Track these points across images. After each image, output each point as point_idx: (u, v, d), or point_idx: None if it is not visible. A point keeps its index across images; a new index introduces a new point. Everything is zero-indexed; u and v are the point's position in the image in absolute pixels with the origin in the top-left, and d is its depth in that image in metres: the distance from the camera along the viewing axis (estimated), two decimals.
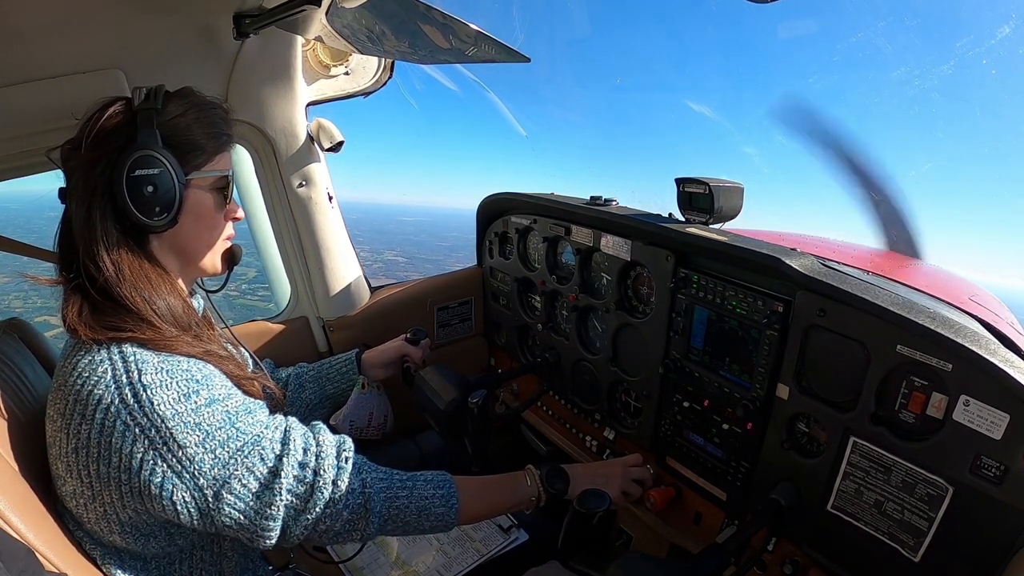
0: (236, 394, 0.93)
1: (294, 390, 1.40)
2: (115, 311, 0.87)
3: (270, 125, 1.54)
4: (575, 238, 1.55)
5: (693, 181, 1.25)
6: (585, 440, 1.67)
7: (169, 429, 0.82)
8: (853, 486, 1.02)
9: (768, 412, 1.14)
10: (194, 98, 0.96)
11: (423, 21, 1.10)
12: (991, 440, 0.82)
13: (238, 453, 0.87)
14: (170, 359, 0.87)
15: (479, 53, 1.18)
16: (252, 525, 0.89)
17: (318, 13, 1.11)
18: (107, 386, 0.82)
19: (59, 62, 1.15)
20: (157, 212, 0.90)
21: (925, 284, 1.25)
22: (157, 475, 0.83)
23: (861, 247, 1.96)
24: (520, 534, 1.55)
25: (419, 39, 1.19)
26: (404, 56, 1.48)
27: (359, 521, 0.97)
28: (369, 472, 1.01)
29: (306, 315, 1.80)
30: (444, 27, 1.10)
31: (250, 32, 1.30)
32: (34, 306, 5.60)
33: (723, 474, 1.26)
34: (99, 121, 0.89)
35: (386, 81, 1.73)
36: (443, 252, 41.13)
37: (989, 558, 0.85)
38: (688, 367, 1.30)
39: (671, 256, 1.28)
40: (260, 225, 1.82)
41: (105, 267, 0.87)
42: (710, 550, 1.00)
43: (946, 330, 0.86)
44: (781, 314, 1.08)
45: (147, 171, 0.88)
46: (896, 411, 0.95)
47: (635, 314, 1.42)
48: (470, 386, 1.40)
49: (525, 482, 1.18)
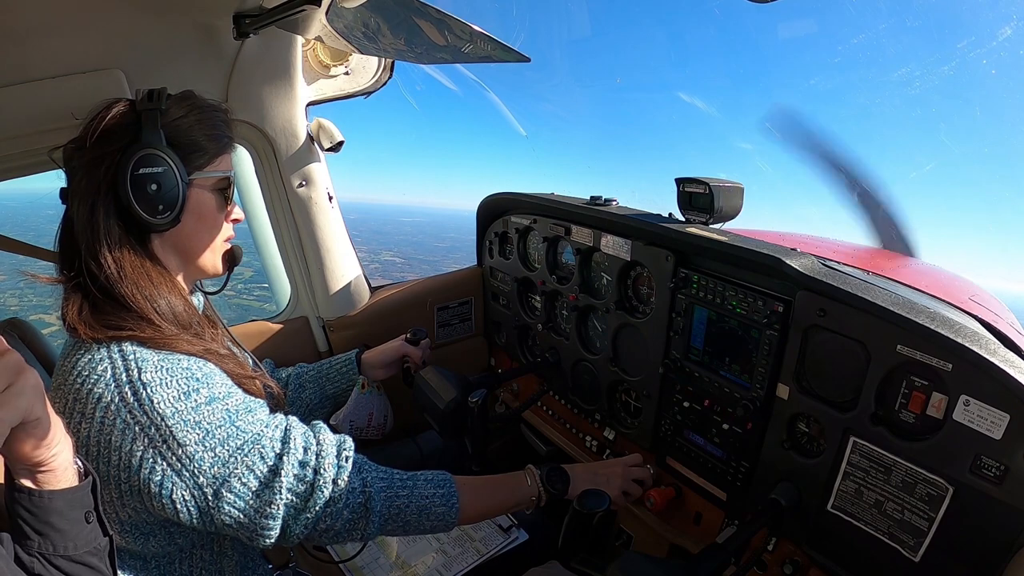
0: (236, 392, 0.93)
1: (294, 390, 1.41)
2: (115, 310, 0.88)
3: (270, 125, 1.54)
4: (575, 238, 1.55)
5: (693, 181, 1.25)
6: (585, 440, 1.67)
7: (169, 427, 0.82)
8: (853, 486, 1.02)
9: (768, 412, 1.14)
10: (195, 101, 0.97)
11: (418, 16, 1.10)
12: (991, 440, 0.82)
13: (238, 452, 0.88)
14: (170, 357, 0.87)
15: (476, 50, 1.18)
16: (252, 524, 0.89)
17: (318, 13, 1.11)
18: (107, 384, 0.82)
19: (59, 62, 1.16)
20: (160, 211, 0.90)
21: (925, 284, 1.25)
22: (157, 473, 0.83)
23: (861, 247, 1.96)
24: (520, 534, 1.54)
25: (415, 36, 1.19)
26: (403, 56, 1.48)
27: (359, 520, 0.97)
28: (369, 471, 1.01)
29: (306, 315, 1.80)
30: (439, 23, 1.10)
31: (250, 32, 1.30)
32: (29, 304, 5.59)
33: (723, 474, 1.26)
34: (103, 120, 0.89)
35: (386, 81, 1.73)
36: (440, 253, 41.11)
37: (989, 558, 0.85)
38: (688, 367, 1.30)
39: (671, 256, 1.28)
40: (260, 225, 1.82)
41: (107, 265, 0.87)
42: (710, 550, 1.00)
43: (946, 330, 0.86)
44: (781, 314, 1.08)
45: (151, 169, 0.88)
46: (896, 411, 0.95)
47: (635, 314, 1.42)
48: (470, 386, 1.40)
49: (525, 482, 1.18)
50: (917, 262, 1.87)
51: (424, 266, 33.28)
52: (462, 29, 1.12)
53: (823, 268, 1.05)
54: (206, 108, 0.97)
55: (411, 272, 29.76)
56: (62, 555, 0.64)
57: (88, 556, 0.66)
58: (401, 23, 1.16)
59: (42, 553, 0.63)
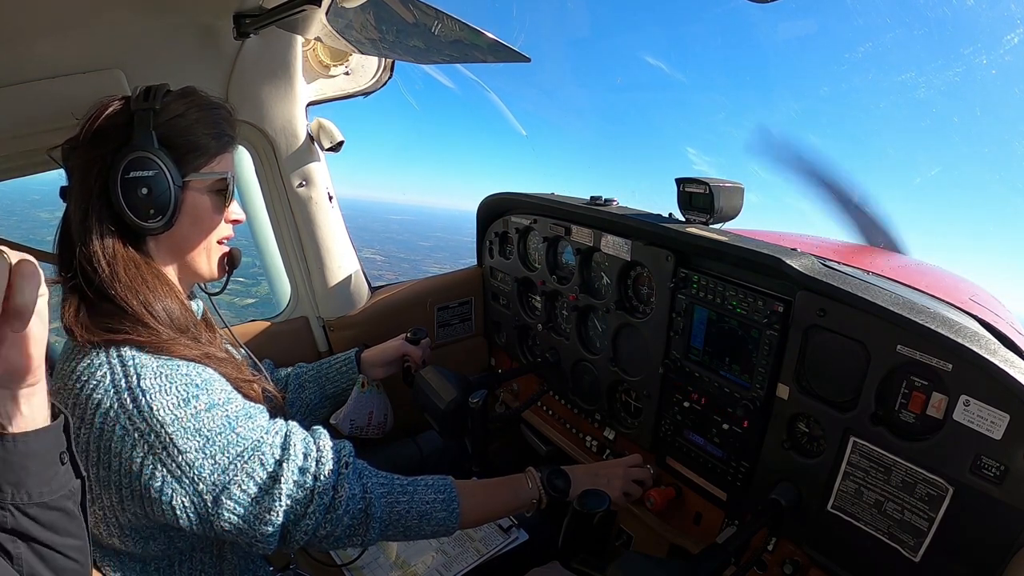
0: (236, 398, 0.92)
1: (294, 390, 1.40)
2: (111, 312, 0.87)
3: (270, 125, 1.54)
4: (575, 238, 1.55)
5: (693, 181, 1.25)
6: (585, 440, 1.67)
7: (169, 434, 0.82)
8: (853, 486, 1.02)
9: (768, 412, 1.14)
10: (196, 98, 0.96)
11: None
12: (991, 440, 0.82)
13: (238, 458, 0.87)
14: (169, 363, 0.86)
15: (444, 30, 1.14)
16: (252, 530, 0.89)
17: (318, 13, 1.10)
18: (106, 390, 0.82)
19: (59, 62, 1.15)
20: (152, 215, 0.89)
21: (925, 284, 1.25)
22: (156, 480, 0.83)
23: (861, 247, 1.96)
24: (520, 534, 1.54)
25: (386, 15, 1.14)
26: (403, 56, 1.48)
27: (360, 527, 0.97)
28: (370, 477, 1.00)
29: (306, 315, 1.79)
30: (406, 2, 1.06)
31: (250, 32, 1.30)
32: None
33: (723, 474, 1.26)
34: (96, 121, 0.89)
35: (386, 81, 1.73)
36: (423, 252, 40.87)
37: (989, 558, 0.85)
38: (688, 367, 1.29)
39: (671, 256, 1.28)
40: (260, 225, 1.82)
41: (100, 268, 0.87)
42: (710, 550, 1.00)
43: (946, 330, 0.86)
44: (781, 314, 1.08)
45: (142, 173, 0.87)
46: (896, 411, 0.95)
47: (635, 314, 1.42)
48: (470, 386, 1.40)
49: (526, 485, 1.18)
50: (918, 262, 1.87)
51: (404, 265, 33.28)
52: (429, 10, 1.08)
53: (823, 268, 1.05)
54: (207, 106, 0.96)
55: (390, 271, 29.61)
56: (37, 503, 0.60)
57: (63, 500, 0.63)
58: (378, 12, 1.11)
59: (15, 504, 0.58)
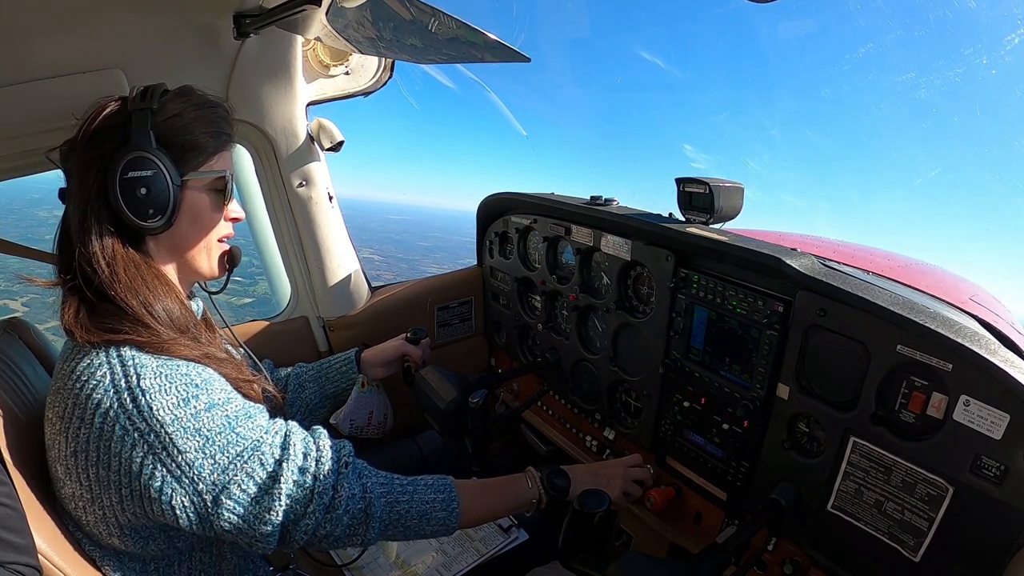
0: (236, 398, 0.92)
1: (294, 390, 1.40)
2: (111, 313, 0.87)
3: (270, 125, 1.54)
4: (575, 238, 1.55)
5: (693, 181, 1.25)
6: (585, 440, 1.67)
7: (169, 434, 0.82)
8: (853, 486, 1.02)
9: (768, 412, 1.14)
10: (194, 97, 0.96)
11: None
12: (991, 440, 0.82)
13: (238, 458, 0.87)
14: (169, 363, 0.86)
15: (441, 28, 1.15)
16: (251, 530, 0.89)
17: (318, 13, 1.10)
18: (106, 390, 0.82)
19: (59, 62, 1.15)
20: (151, 214, 0.89)
21: (925, 284, 1.25)
22: (156, 479, 0.83)
23: (861, 247, 1.96)
24: (520, 534, 1.54)
25: (383, 13, 1.14)
26: (402, 55, 1.48)
27: (360, 526, 0.97)
28: (370, 477, 1.00)
29: (306, 315, 1.79)
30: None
31: (250, 32, 1.30)
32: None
33: (723, 474, 1.26)
34: (94, 122, 0.89)
35: (386, 81, 1.73)
36: (421, 252, 40.90)
37: (989, 558, 0.85)
38: (688, 367, 1.29)
39: (671, 256, 1.28)
40: (260, 225, 1.82)
41: (100, 269, 0.87)
42: (710, 550, 1.00)
43: (946, 330, 0.86)
44: (781, 314, 1.08)
45: (141, 173, 0.87)
46: (896, 411, 0.95)
47: (635, 314, 1.42)
48: (470, 386, 1.40)
49: (526, 484, 1.18)
50: (918, 262, 1.87)
51: (402, 264, 33.34)
52: (425, 7, 1.08)
53: (823, 268, 1.05)
54: (205, 104, 0.96)
55: (388, 271, 29.63)
56: None
57: None
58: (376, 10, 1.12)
59: None
